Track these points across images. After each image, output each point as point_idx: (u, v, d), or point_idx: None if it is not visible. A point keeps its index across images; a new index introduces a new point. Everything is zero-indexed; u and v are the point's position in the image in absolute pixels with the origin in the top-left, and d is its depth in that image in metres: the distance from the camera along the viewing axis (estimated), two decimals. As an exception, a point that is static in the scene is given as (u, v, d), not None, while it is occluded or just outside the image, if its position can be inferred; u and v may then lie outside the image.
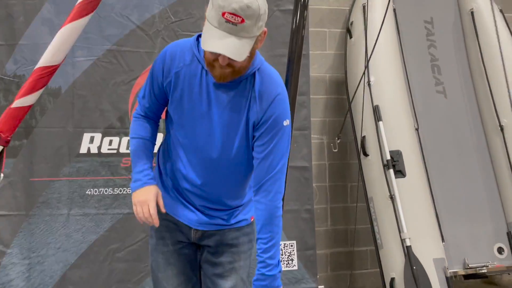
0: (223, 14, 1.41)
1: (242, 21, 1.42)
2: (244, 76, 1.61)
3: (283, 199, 1.70)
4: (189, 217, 1.77)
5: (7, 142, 1.70)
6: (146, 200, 1.64)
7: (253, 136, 1.65)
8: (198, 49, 1.65)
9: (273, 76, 1.68)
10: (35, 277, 3.01)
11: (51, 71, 1.74)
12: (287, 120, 1.65)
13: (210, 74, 1.60)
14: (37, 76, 1.73)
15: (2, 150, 1.70)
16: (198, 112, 1.65)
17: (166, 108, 1.78)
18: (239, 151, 1.67)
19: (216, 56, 1.48)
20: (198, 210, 1.76)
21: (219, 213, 1.78)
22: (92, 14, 1.74)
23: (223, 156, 1.68)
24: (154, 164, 1.89)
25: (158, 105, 1.77)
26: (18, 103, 1.75)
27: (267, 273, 1.60)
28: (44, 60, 1.73)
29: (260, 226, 1.63)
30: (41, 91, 1.76)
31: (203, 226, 1.76)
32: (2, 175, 1.77)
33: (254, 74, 1.63)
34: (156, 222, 1.65)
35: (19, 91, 1.75)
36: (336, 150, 3.65)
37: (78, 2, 1.71)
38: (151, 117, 1.82)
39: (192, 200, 1.77)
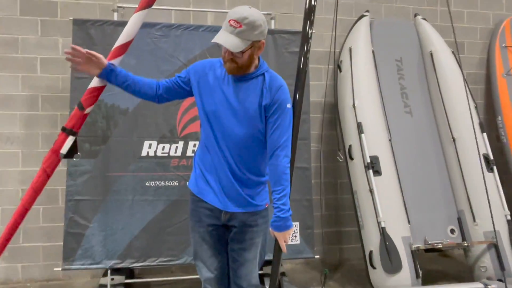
0: (229, 20, 1.55)
1: (240, 26, 1.53)
2: (255, 74, 1.69)
3: (291, 162, 1.71)
4: (222, 202, 1.73)
5: (76, 134, 1.75)
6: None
7: (265, 116, 1.68)
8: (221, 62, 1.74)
9: (277, 75, 1.76)
10: (109, 245, 2.98)
11: (98, 91, 1.75)
12: (288, 104, 1.71)
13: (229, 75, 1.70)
14: (93, 93, 1.74)
15: (75, 139, 1.73)
16: (226, 100, 1.68)
17: (182, 89, 1.83)
18: (256, 128, 1.70)
19: (224, 50, 1.61)
20: (226, 195, 1.73)
21: (243, 194, 1.73)
22: (122, 56, 1.78)
23: (246, 132, 1.69)
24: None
25: (176, 81, 1.83)
26: (86, 110, 1.77)
27: (281, 215, 1.63)
28: (95, 82, 1.73)
29: (274, 182, 1.67)
30: (92, 106, 1.78)
31: (231, 209, 1.73)
32: (79, 154, 1.80)
33: (263, 74, 1.70)
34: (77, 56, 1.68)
35: (82, 99, 1.77)
36: (341, 160, 3.58)
37: (114, 47, 1.74)
38: (159, 84, 1.86)
39: (223, 183, 1.73)
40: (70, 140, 1.70)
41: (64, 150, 1.69)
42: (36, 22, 3.46)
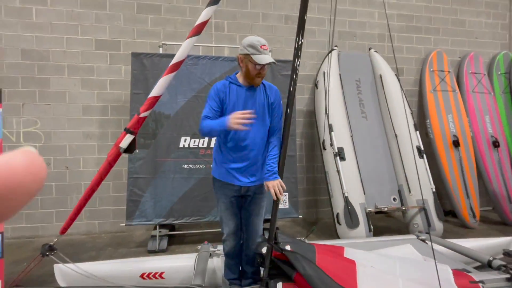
0: (261, 46, 1.55)
1: (267, 48, 1.59)
2: (260, 86, 1.70)
3: (284, 151, 1.70)
4: (241, 181, 1.73)
5: (136, 133, 1.70)
6: (237, 120, 1.53)
7: (270, 111, 1.72)
8: (231, 78, 1.71)
9: (270, 83, 1.78)
10: (157, 208, 3.00)
11: (156, 99, 1.67)
12: (281, 100, 1.77)
13: (242, 87, 1.68)
14: (150, 101, 1.66)
15: (134, 138, 1.66)
16: (241, 108, 1.67)
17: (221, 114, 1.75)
18: (266, 120, 1.72)
19: (260, 68, 1.59)
20: (244, 176, 1.73)
21: (253, 173, 1.73)
22: (175, 72, 1.66)
23: (259, 126, 1.69)
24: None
25: (217, 112, 1.73)
26: (143, 114, 1.69)
27: (273, 170, 1.65)
28: (153, 93, 1.65)
29: (271, 149, 1.70)
30: (151, 110, 1.71)
31: (249, 184, 1.74)
32: (137, 151, 1.72)
33: (263, 84, 1.72)
34: (248, 119, 1.54)
35: (141, 107, 1.68)
36: (325, 149, 3.39)
37: (170, 64, 1.64)
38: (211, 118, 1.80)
39: (240, 170, 1.71)
40: (128, 137, 1.66)
41: (123, 144, 1.65)
42: (106, 55, 3.48)
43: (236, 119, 1.49)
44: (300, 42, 1.78)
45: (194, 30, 1.63)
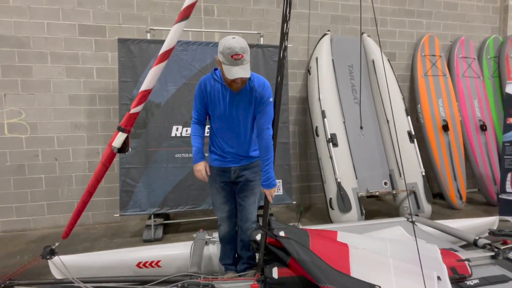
0: (232, 56, 1.38)
1: (242, 56, 1.40)
2: (246, 85, 1.59)
3: (274, 139, 1.67)
4: (230, 164, 1.74)
5: (129, 131, 1.60)
6: (200, 170, 1.70)
7: (254, 108, 1.64)
8: (216, 76, 1.60)
9: (260, 77, 1.65)
10: (151, 198, 2.98)
11: (147, 93, 1.59)
12: (271, 98, 1.64)
13: (227, 87, 1.59)
14: (141, 96, 1.58)
15: (127, 136, 1.59)
16: (226, 108, 1.62)
17: (208, 114, 1.72)
18: (249, 119, 1.66)
19: (237, 81, 1.48)
20: (232, 161, 1.74)
21: (241, 157, 1.74)
22: (166, 61, 1.57)
23: (242, 125, 1.66)
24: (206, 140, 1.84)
25: (203, 113, 1.71)
26: (133, 110, 1.62)
27: (269, 177, 1.65)
28: (143, 86, 1.58)
29: (262, 152, 1.65)
30: (143, 104, 1.62)
31: (237, 166, 1.74)
32: (130, 149, 1.67)
33: (251, 80, 1.60)
34: (206, 179, 1.72)
35: (132, 103, 1.60)
36: (318, 136, 3.40)
37: (159, 53, 1.55)
38: (201, 121, 1.75)
39: (230, 154, 1.73)
40: (120, 135, 1.55)
41: (116, 143, 1.54)
42: (91, 41, 3.33)
43: (198, 173, 1.68)
44: (285, 30, 1.67)
45: (181, 13, 1.53)
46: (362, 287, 1.38)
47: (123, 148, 1.58)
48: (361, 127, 3.46)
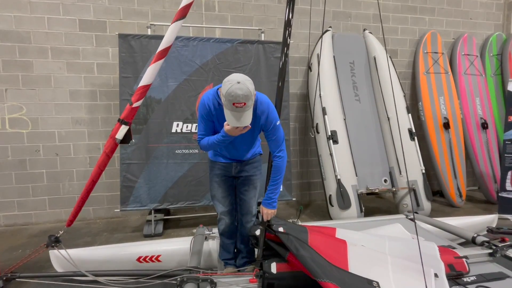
0: (234, 104, 1.34)
1: (244, 104, 1.35)
2: None
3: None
4: (231, 161, 1.75)
5: (130, 124, 1.66)
6: (234, 129, 1.50)
7: (262, 130, 1.61)
8: (219, 97, 1.54)
9: (263, 102, 1.57)
10: (151, 193, 2.99)
11: (147, 88, 1.60)
12: (278, 121, 1.62)
13: None
14: (141, 91, 1.59)
15: (129, 128, 1.62)
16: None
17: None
18: (255, 135, 1.67)
19: (239, 129, 1.47)
20: (235, 160, 1.75)
21: (242, 156, 1.76)
22: (164, 58, 1.59)
23: (246, 141, 1.68)
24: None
25: (210, 130, 1.67)
26: (135, 104, 1.64)
27: (272, 197, 1.65)
28: (143, 82, 1.59)
29: (274, 174, 1.65)
30: (142, 99, 1.62)
31: (238, 162, 1.75)
32: (133, 140, 1.69)
33: (255, 103, 1.53)
34: (243, 131, 1.52)
35: (132, 98, 1.61)
36: (313, 136, 3.47)
37: (157, 51, 1.56)
38: (208, 135, 1.69)
39: (231, 157, 1.75)
40: (123, 128, 1.62)
41: (119, 135, 1.62)
42: (92, 36, 3.32)
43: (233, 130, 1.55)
44: (291, 17, 1.67)
45: (178, 13, 1.56)
46: (360, 282, 1.39)
47: (125, 139, 1.61)
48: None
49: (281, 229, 1.66)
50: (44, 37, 3.21)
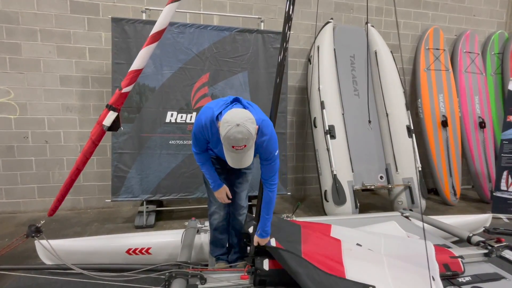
0: (233, 147, 1.25)
1: (245, 146, 1.26)
2: None
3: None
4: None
5: (119, 110, 1.55)
6: (222, 196, 1.64)
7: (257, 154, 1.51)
8: (216, 123, 1.41)
9: (263, 130, 1.42)
10: (143, 184, 2.93)
11: (138, 73, 1.50)
12: (276, 151, 1.50)
13: None
14: (132, 75, 1.49)
15: (118, 114, 1.53)
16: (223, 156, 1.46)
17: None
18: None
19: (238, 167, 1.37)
20: None
21: None
22: (157, 43, 1.48)
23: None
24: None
25: (205, 146, 1.58)
26: (125, 89, 1.54)
27: (266, 230, 1.59)
28: (134, 66, 1.49)
29: (265, 204, 1.57)
30: (133, 84, 1.52)
31: None
32: (122, 128, 1.59)
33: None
34: (228, 201, 1.69)
35: (122, 82, 1.52)
36: (316, 127, 3.33)
37: (150, 34, 1.46)
38: (203, 151, 1.62)
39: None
40: (111, 114, 1.52)
41: (106, 122, 1.52)
42: (83, 19, 3.17)
43: (220, 199, 1.66)
44: (291, 12, 1.58)
45: None
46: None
47: (113, 126, 1.52)
48: (369, 121, 3.42)
49: (273, 241, 1.59)
50: (33, 18, 3.05)
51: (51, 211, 1.68)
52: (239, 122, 1.23)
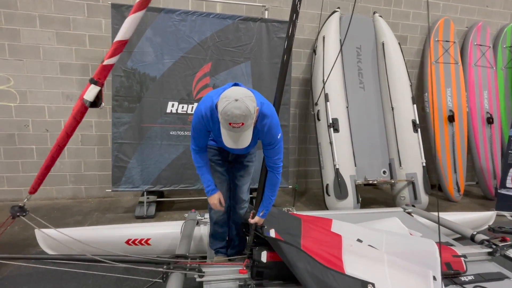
0: (230, 123, 1.19)
1: (242, 124, 1.19)
2: None
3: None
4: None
5: (102, 84, 1.45)
6: (215, 202, 1.60)
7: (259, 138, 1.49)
8: (216, 111, 1.32)
9: (265, 114, 1.38)
10: (144, 175, 2.91)
11: (123, 43, 1.43)
12: (279, 134, 1.44)
13: None
14: (116, 46, 1.42)
15: (100, 89, 1.45)
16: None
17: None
18: (252, 144, 1.57)
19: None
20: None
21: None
22: (144, 10, 1.39)
23: (239, 150, 1.59)
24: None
25: (204, 141, 1.54)
26: (106, 62, 1.47)
27: (266, 212, 1.60)
28: (118, 36, 1.42)
29: (269, 187, 1.57)
30: (118, 56, 1.45)
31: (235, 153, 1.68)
32: (103, 104, 1.50)
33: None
34: (221, 209, 1.65)
35: (106, 54, 1.45)
36: (320, 120, 3.26)
37: (136, 1, 1.36)
38: (202, 149, 1.57)
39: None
40: (93, 88, 1.41)
41: (88, 96, 1.40)
42: (83, 5, 3.09)
43: (213, 205, 1.61)
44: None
45: None
46: (354, 284, 1.32)
47: (95, 102, 1.44)
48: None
49: (272, 232, 1.57)
50: (32, 3, 2.98)
51: (32, 189, 1.65)
52: (238, 97, 1.18)
